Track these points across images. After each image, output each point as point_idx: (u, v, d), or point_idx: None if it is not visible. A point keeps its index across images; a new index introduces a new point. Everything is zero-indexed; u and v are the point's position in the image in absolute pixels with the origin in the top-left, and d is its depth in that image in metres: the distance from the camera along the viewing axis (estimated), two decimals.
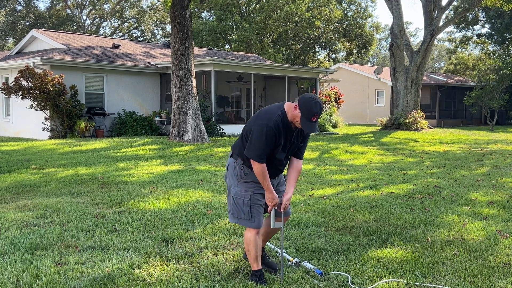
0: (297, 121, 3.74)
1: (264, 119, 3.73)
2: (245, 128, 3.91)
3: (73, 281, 3.92)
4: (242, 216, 3.92)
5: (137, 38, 51.04)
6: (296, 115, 3.71)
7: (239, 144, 3.95)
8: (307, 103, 3.67)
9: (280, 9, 39.96)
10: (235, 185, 3.95)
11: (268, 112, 3.79)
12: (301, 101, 3.70)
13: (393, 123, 25.05)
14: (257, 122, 3.74)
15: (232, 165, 3.98)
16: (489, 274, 4.24)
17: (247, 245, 3.97)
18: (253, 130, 3.73)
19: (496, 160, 13.09)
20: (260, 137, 3.67)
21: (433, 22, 26.16)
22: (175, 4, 16.03)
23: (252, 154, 3.71)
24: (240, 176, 3.92)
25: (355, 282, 4.03)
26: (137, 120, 18.65)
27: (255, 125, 3.74)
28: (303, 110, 3.67)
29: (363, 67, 40.54)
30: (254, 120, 3.82)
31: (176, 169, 10.64)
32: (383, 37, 66.50)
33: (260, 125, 3.70)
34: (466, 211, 6.66)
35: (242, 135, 3.94)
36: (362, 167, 11.70)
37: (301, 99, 3.72)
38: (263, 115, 3.78)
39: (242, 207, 3.91)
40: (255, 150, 3.70)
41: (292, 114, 3.75)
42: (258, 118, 3.79)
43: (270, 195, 3.85)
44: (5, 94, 17.51)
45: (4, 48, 44.47)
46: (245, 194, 3.90)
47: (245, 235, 3.99)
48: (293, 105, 3.77)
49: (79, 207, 6.50)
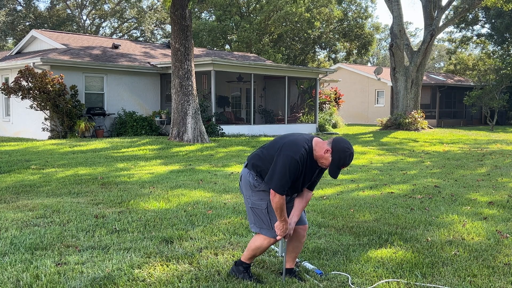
0: (323, 162, 3.68)
1: (290, 150, 3.64)
2: (268, 148, 3.84)
3: (73, 281, 3.92)
4: (264, 226, 3.86)
5: (137, 38, 51.04)
6: (326, 157, 3.65)
7: (256, 157, 3.88)
8: (342, 153, 3.61)
9: (279, 9, 39.95)
10: (250, 195, 3.89)
11: (295, 144, 3.70)
12: (335, 149, 3.62)
13: (393, 123, 25.06)
14: (284, 152, 3.64)
15: (246, 175, 3.91)
16: (489, 274, 4.24)
17: (255, 248, 3.92)
18: (278, 160, 3.65)
19: (496, 160, 13.09)
20: (284, 169, 3.59)
21: (433, 22, 26.17)
22: (175, 4, 16.03)
23: (274, 186, 3.62)
24: (253, 185, 3.85)
25: (355, 282, 4.03)
26: (137, 120, 18.65)
27: (281, 156, 3.64)
28: (335, 158, 3.62)
29: (363, 67, 40.54)
30: (279, 147, 3.72)
31: (176, 169, 10.64)
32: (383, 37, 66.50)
33: (286, 156, 3.62)
34: (466, 211, 6.66)
35: (262, 151, 3.88)
36: (362, 167, 11.70)
37: (336, 146, 3.63)
38: (290, 145, 3.69)
39: (261, 217, 3.85)
40: (278, 181, 3.61)
41: (320, 155, 3.68)
42: (285, 147, 3.69)
43: (285, 226, 3.75)
44: (5, 94, 17.51)
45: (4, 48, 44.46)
46: (261, 203, 3.84)
47: (258, 239, 3.90)
48: (323, 145, 3.68)
49: (79, 207, 6.50)
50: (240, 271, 4.01)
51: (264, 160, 3.80)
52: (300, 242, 4.07)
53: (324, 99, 26.03)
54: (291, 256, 4.11)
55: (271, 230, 3.82)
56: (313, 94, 24.01)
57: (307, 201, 3.96)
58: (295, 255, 4.13)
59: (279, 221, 3.74)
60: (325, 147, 3.65)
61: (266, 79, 24.82)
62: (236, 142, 16.82)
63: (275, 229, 3.79)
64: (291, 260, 4.13)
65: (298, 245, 4.08)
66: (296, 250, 4.10)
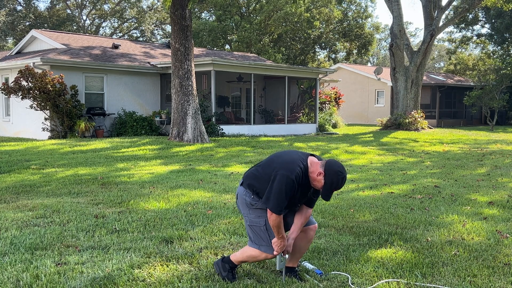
0: (315, 184, 3.68)
1: (287, 170, 3.62)
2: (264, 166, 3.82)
3: (73, 281, 3.92)
4: (263, 243, 3.85)
5: (137, 38, 51.04)
6: (318, 180, 3.63)
7: (252, 176, 3.87)
8: (335, 176, 3.59)
9: (279, 9, 39.96)
10: (248, 213, 3.90)
11: (291, 163, 3.68)
12: (328, 172, 3.60)
13: (393, 123, 25.06)
14: (280, 172, 3.62)
15: (242, 194, 3.91)
16: (489, 274, 4.24)
17: (250, 257, 3.93)
18: (274, 180, 3.63)
19: (496, 160, 13.09)
20: (280, 189, 3.58)
21: (433, 22, 26.17)
22: (175, 4, 16.03)
23: (271, 206, 3.62)
24: (250, 204, 3.86)
25: (355, 282, 4.02)
26: (137, 120, 18.65)
27: (277, 175, 3.62)
28: (328, 182, 3.60)
29: (363, 67, 40.54)
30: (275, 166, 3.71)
31: (176, 169, 10.64)
32: (383, 37, 66.51)
33: (282, 175, 3.60)
34: (466, 211, 6.66)
35: (257, 167, 3.89)
36: (362, 167, 11.70)
37: (329, 170, 3.60)
38: (286, 165, 3.67)
39: (260, 234, 3.85)
40: (275, 201, 3.60)
41: (313, 177, 3.66)
42: (281, 167, 3.66)
43: (282, 243, 3.76)
44: (5, 94, 17.51)
45: (4, 48, 44.47)
46: (259, 220, 3.84)
47: (255, 251, 3.89)
48: (317, 167, 3.65)
49: (79, 207, 6.50)
50: (225, 269, 4.00)
51: (260, 179, 3.79)
52: (308, 242, 4.09)
53: (324, 99, 26.03)
54: (296, 256, 4.10)
55: (270, 247, 3.82)
56: (313, 94, 24.00)
57: (307, 218, 3.94)
58: (300, 255, 4.13)
59: (276, 238, 3.75)
60: (318, 170, 3.63)
61: (266, 79, 24.82)
62: (236, 142, 16.83)
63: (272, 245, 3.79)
64: (295, 259, 4.12)
65: (305, 246, 4.09)
66: (301, 251, 4.10)
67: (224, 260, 4.08)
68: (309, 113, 24.23)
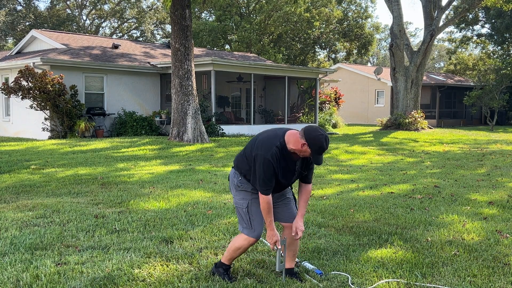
0: (304, 154, 3.69)
1: (262, 150, 3.68)
2: (247, 147, 3.90)
3: (73, 281, 3.92)
4: (244, 225, 3.95)
5: (137, 38, 51.03)
6: (304, 150, 3.65)
7: (240, 158, 3.97)
8: (318, 141, 3.60)
9: (279, 9, 39.95)
10: (235, 194, 4.01)
11: (267, 143, 3.72)
12: (309, 138, 3.61)
13: (393, 123, 25.06)
14: (257, 152, 3.70)
15: (232, 176, 4.03)
16: (489, 274, 4.24)
17: (235, 248, 3.97)
18: (255, 162, 3.72)
19: (496, 160, 13.09)
20: (259, 170, 3.67)
21: (433, 22, 26.17)
22: (175, 4, 16.03)
23: (259, 188, 3.72)
24: (237, 185, 3.96)
25: (355, 282, 4.02)
26: (137, 120, 18.65)
27: (256, 157, 3.70)
28: (313, 148, 3.61)
29: (363, 67, 40.54)
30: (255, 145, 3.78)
31: (176, 169, 10.64)
32: (383, 37, 66.52)
33: (259, 156, 3.68)
34: (466, 211, 6.66)
35: (244, 151, 3.95)
36: (362, 167, 11.70)
37: (308, 135, 3.62)
38: (262, 144, 3.72)
39: (243, 216, 3.95)
40: (260, 182, 3.69)
41: (298, 149, 3.67)
42: (257, 147, 3.73)
43: (271, 232, 3.82)
44: (5, 94, 17.51)
45: (4, 48, 44.45)
46: (242, 202, 3.93)
47: (238, 240, 3.97)
48: (297, 139, 3.66)
49: (79, 207, 6.50)
50: (220, 273, 4.04)
51: (244, 162, 3.88)
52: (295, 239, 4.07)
53: (324, 99, 26.03)
54: (289, 255, 4.12)
55: (251, 229, 3.90)
56: (313, 94, 24.00)
57: (308, 194, 4.00)
58: (294, 253, 4.13)
59: (268, 230, 3.81)
60: (300, 142, 3.63)
61: (266, 79, 24.81)
62: (236, 142, 16.82)
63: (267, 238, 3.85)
64: (290, 259, 4.13)
65: (294, 242, 4.09)
66: (293, 248, 4.11)
67: (217, 265, 4.11)
68: (309, 113, 24.22)
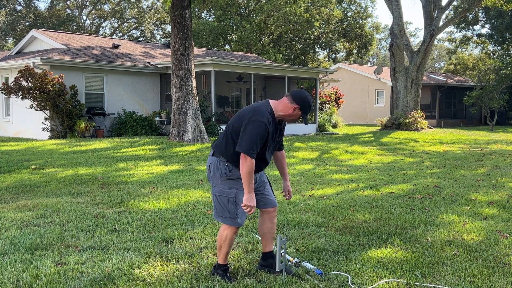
0: (292, 118, 3.92)
1: (256, 115, 3.78)
2: (230, 126, 3.91)
3: (73, 281, 3.92)
4: (227, 215, 3.92)
5: (137, 38, 51.03)
6: (295, 114, 3.87)
7: (222, 143, 3.94)
8: (307, 102, 3.87)
9: (279, 9, 39.95)
10: (218, 183, 3.94)
11: (258, 109, 3.84)
12: (301, 103, 3.85)
13: (393, 123, 25.05)
14: (250, 119, 3.76)
15: (215, 164, 3.95)
16: (489, 274, 4.24)
17: (222, 242, 3.98)
18: (246, 128, 3.75)
19: (496, 160, 13.09)
20: (253, 133, 3.71)
21: (433, 22, 26.16)
22: (175, 4, 16.03)
23: (245, 149, 3.71)
24: (224, 173, 3.90)
25: (355, 282, 4.02)
26: (137, 120, 18.65)
27: (249, 122, 3.76)
28: (304, 110, 3.87)
29: (363, 67, 40.53)
30: (242, 118, 3.84)
31: (176, 169, 10.64)
32: (383, 37, 66.50)
33: (254, 121, 3.75)
34: (466, 211, 6.66)
35: (225, 133, 3.94)
36: (362, 167, 11.70)
37: (299, 98, 3.85)
38: (253, 112, 3.82)
39: (226, 206, 3.90)
40: (248, 144, 3.71)
41: (289, 114, 3.87)
42: (248, 115, 3.80)
43: (250, 196, 3.78)
44: (5, 94, 17.51)
45: (4, 48, 44.46)
46: (230, 191, 3.90)
47: (221, 232, 3.99)
48: (287, 104, 3.87)
49: (79, 207, 6.50)
50: (220, 275, 4.05)
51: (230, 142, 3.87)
52: (272, 222, 4.18)
53: (324, 99, 26.03)
54: (267, 238, 4.21)
55: (235, 219, 3.91)
56: (313, 94, 24.00)
57: (285, 158, 4.31)
58: (271, 236, 4.23)
59: (246, 193, 3.77)
60: (292, 106, 3.85)
61: (266, 79, 24.82)
62: None
63: (244, 205, 3.79)
64: (268, 243, 4.23)
65: (272, 226, 4.19)
66: (271, 231, 4.21)
67: (215, 268, 4.11)
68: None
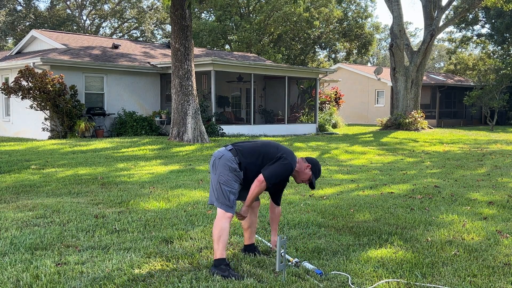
0: (303, 177, 4.40)
1: (290, 158, 4.28)
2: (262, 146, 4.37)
3: (73, 281, 3.92)
4: (226, 202, 4.18)
5: (137, 38, 51.02)
6: (306, 172, 4.39)
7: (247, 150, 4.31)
8: (318, 166, 4.45)
9: (279, 9, 39.95)
10: (225, 173, 4.20)
11: (293, 156, 4.35)
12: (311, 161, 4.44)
13: (393, 123, 25.06)
14: (287, 157, 4.27)
15: (229, 158, 4.23)
16: (489, 274, 4.24)
17: (222, 232, 4.13)
18: (279, 160, 4.24)
19: (496, 160, 13.09)
20: (280, 168, 4.22)
21: (433, 22, 26.16)
22: (175, 4, 16.03)
23: (267, 175, 4.16)
24: (234, 169, 4.21)
25: (355, 282, 4.02)
26: (137, 120, 18.65)
27: (283, 158, 4.25)
28: (315, 170, 4.43)
29: (363, 67, 40.53)
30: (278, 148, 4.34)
31: (176, 169, 10.64)
32: (383, 37, 66.49)
33: (287, 163, 4.25)
34: (466, 211, 6.66)
35: (255, 147, 4.34)
36: (362, 167, 11.70)
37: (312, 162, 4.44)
38: (290, 154, 4.32)
39: (228, 195, 4.18)
40: (273, 174, 4.19)
41: (302, 171, 4.39)
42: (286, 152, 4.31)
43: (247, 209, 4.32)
44: (5, 94, 17.51)
45: (4, 48, 44.44)
46: (234, 184, 4.22)
47: (218, 223, 4.17)
48: (302, 162, 4.42)
49: (79, 207, 6.50)
50: (223, 270, 4.06)
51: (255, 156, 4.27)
52: (256, 216, 4.64)
53: (324, 99, 26.03)
54: (250, 231, 4.60)
55: (231, 208, 4.19)
56: (313, 94, 24.00)
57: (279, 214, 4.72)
58: (254, 229, 4.65)
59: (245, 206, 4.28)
60: (305, 164, 4.41)
61: (266, 79, 24.81)
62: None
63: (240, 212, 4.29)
64: (251, 236, 4.62)
65: (255, 220, 4.65)
66: (254, 226, 4.63)
67: (216, 265, 4.12)
68: (309, 113, 24.22)
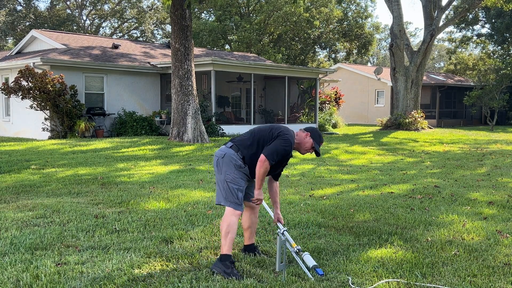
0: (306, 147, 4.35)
1: (289, 135, 4.27)
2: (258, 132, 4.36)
3: (73, 281, 3.92)
4: (234, 200, 4.23)
5: (137, 38, 51.02)
6: (307, 140, 4.35)
7: (247, 142, 4.32)
8: (317, 132, 4.43)
9: (279, 9, 39.95)
10: (232, 172, 4.26)
11: (290, 132, 4.33)
12: (309, 129, 4.44)
13: (393, 123, 25.05)
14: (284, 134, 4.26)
15: (232, 155, 4.28)
16: (489, 274, 4.24)
17: (230, 228, 4.17)
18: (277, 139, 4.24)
19: (496, 160, 13.09)
20: (280, 145, 4.20)
21: (433, 22, 26.16)
22: (175, 4, 16.03)
23: (268, 154, 4.15)
24: (240, 166, 4.27)
25: (355, 282, 4.02)
26: (137, 120, 18.64)
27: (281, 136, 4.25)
28: (315, 137, 4.38)
29: (363, 67, 40.53)
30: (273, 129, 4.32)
31: (176, 169, 10.64)
32: (383, 37, 66.48)
33: (287, 138, 4.24)
34: (466, 211, 6.66)
35: (252, 136, 4.35)
36: (362, 167, 11.70)
37: (309, 128, 4.45)
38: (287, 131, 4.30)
39: (236, 193, 4.24)
40: (273, 152, 4.17)
41: (302, 141, 4.36)
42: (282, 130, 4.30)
43: (260, 191, 4.27)
44: (5, 94, 17.51)
45: (4, 48, 44.44)
46: (241, 181, 4.28)
47: (227, 219, 4.20)
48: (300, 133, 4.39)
49: (79, 207, 6.50)
50: (227, 266, 4.08)
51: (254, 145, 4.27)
52: (256, 217, 4.63)
53: (324, 99, 26.03)
54: (250, 232, 4.60)
55: (240, 205, 4.25)
56: (313, 94, 24.00)
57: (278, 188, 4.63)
58: (254, 229, 4.66)
59: (257, 189, 4.24)
60: (304, 133, 4.39)
61: (266, 79, 24.81)
62: None
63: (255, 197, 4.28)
64: (251, 236, 4.62)
65: (256, 221, 4.65)
66: (254, 226, 4.64)
67: (221, 259, 4.13)
68: (309, 113, 24.22)
